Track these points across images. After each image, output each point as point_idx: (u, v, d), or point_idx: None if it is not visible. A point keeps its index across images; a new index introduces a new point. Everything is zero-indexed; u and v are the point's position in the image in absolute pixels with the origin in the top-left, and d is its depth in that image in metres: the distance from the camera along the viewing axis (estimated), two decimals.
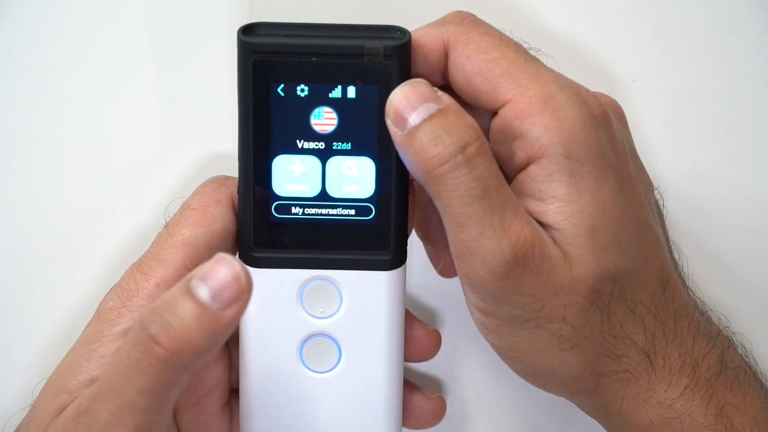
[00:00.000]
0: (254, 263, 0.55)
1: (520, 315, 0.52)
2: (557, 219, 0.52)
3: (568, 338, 0.52)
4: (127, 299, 0.54)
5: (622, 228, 0.52)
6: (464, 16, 0.54)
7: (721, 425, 0.54)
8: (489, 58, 0.52)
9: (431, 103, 0.51)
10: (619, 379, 0.54)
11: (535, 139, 0.51)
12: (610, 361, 0.53)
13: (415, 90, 0.51)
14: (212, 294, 0.47)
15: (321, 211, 0.55)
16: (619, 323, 0.53)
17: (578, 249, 0.51)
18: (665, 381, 0.54)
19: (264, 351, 0.56)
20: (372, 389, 0.57)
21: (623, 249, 0.52)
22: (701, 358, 0.54)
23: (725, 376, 0.55)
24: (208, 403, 0.57)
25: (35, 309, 0.66)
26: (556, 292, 0.51)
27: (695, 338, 0.54)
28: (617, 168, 0.53)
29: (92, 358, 0.53)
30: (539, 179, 0.52)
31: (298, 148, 0.54)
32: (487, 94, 0.52)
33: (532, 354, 0.53)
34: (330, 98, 0.53)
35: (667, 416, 0.54)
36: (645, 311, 0.53)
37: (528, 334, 0.52)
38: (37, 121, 0.65)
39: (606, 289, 0.52)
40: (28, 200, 0.65)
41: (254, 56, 0.52)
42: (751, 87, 0.65)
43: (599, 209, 0.52)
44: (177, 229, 0.55)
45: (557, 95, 0.52)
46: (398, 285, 0.56)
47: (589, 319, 0.52)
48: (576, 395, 0.55)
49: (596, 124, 0.52)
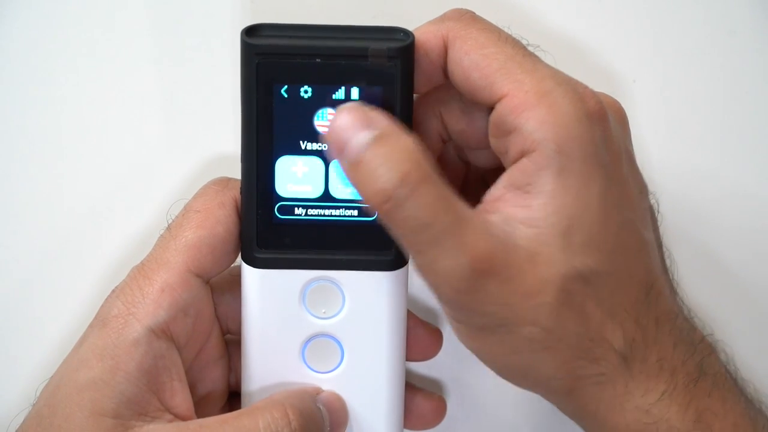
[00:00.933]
0: (257, 264, 0.55)
1: (488, 322, 0.52)
2: (538, 216, 0.51)
3: (539, 340, 0.52)
4: (133, 306, 0.54)
5: (603, 229, 0.52)
6: (463, 12, 0.54)
7: (700, 431, 0.53)
8: (486, 53, 0.52)
9: (365, 131, 0.50)
10: (596, 381, 0.53)
11: (529, 133, 0.51)
12: (586, 363, 0.53)
13: (350, 116, 0.51)
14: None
15: (324, 212, 0.55)
16: (596, 326, 0.52)
17: (550, 248, 0.51)
18: (642, 386, 0.53)
19: (266, 351, 0.56)
20: (374, 389, 0.57)
21: (600, 251, 0.52)
22: (680, 364, 0.54)
23: (704, 382, 0.54)
24: (207, 405, 0.58)
25: (37, 310, 0.66)
26: (524, 295, 0.51)
27: (675, 344, 0.54)
28: (609, 167, 0.52)
29: (117, 375, 0.53)
30: (529, 172, 0.51)
31: (301, 149, 0.54)
32: (484, 90, 0.52)
33: (506, 356, 0.53)
34: (334, 99, 0.53)
35: (645, 421, 0.53)
36: (625, 315, 0.53)
37: (499, 338, 0.52)
38: (39, 122, 0.65)
39: (577, 290, 0.52)
40: (29, 201, 0.65)
41: (257, 58, 0.52)
42: (751, 87, 0.65)
43: (580, 209, 0.51)
44: (180, 231, 0.55)
45: (554, 90, 0.51)
46: (401, 285, 0.56)
47: (561, 320, 0.52)
48: (552, 394, 0.55)
49: (591, 121, 0.52)
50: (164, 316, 0.54)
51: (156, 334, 0.54)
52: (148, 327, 0.53)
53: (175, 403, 0.54)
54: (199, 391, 0.57)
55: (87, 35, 0.64)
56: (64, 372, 0.54)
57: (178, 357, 0.55)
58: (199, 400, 0.57)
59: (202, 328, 0.56)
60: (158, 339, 0.54)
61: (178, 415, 0.54)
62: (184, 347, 0.55)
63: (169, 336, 0.54)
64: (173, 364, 0.54)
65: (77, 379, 0.53)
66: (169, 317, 0.54)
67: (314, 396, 0.56)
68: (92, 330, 0.54)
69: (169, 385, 0.54)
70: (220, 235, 0.55)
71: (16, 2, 0.64)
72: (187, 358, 0.56)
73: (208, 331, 0.57)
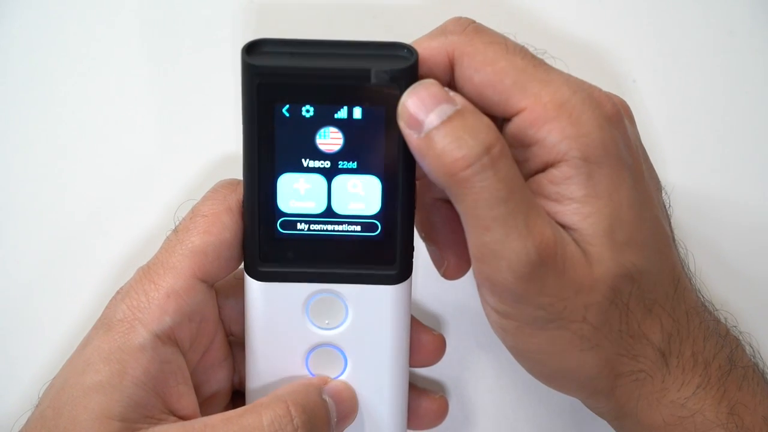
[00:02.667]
0: (260, 277, 0.55)
1: (542, 316, 0.52)
2: (575, 219, 0.52)
3: (588, 338, 0.52)
4: (138, 311, 0.54)
5: (639, 227, 0.52)
6: (465, 24, 0.53)
7: (733, 424, 0.54)
8: (497, 68, 0.52)
9: (446, 104, 0.50)
10: (635, 379, 0.54)
11: (553, 145, 0.51)
12: (627, 360, 0.53)
13: (428, 91, 0.51)
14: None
15: (327, 227, 0.54)
16: (637, 322, 0.53)
17: (597, 248, 0.51)
18: (678, 380, 0.54)
19: (270, 360, 0.56)
20: (377, 398, 0.57)
21: (640, 248, 0.52)
22: (712, 357, 0.54)
23: (735, 375, 0.55)
24: (211, 405, 0.58)
25: (39, 312, 0.66)
26: (577, 291, 0.51)
27: (706, 337, 0.55)
28: (632, 168, 0.53)
29: (124, 379, 0.53)
30: (557, 182, 0.52)
31: (303, 167, 0.53)
32: (499, 105, 0.52)
33: (552, 355, 0.53)
34: (336, 119, 0.52)
35: (680, 415, 0.54)
36: (661, 310, 0.53)
37: (549, 335, 0.52)
38: (43, 122, 0.65)
39: (625, 288, 0.52)
40: (32, 202, 0.65)
41: (259, 78, 0.51)
42: (751, 87, 0.65)
43: (616, 210, 0.52)
44: (186, 236, 0.55)
45: (571, 99, 0.51)
46: (404, 298, 0.55)
47: (608, 318, 0.52)
48: (592, 396, 0.55)
49: (611, 125, 0.52)
50: (169, 322, 0.54)
51: (161, 339, 0.53)
52: (153, 333, 0.53)
53: (180, 405, 0.54)
54: (203, 393, 0.57)
55: (91, 36, 0.64)
56: (69, 374, 0.54)
57: (183, 361, 0.55)
58: (204, 401, 0.57)
59: (206, 332, 0.56)
60: (164, 345, 0.54)
61: (184, 417, 0.54)
62: (188, 351, 0.55)
63: (174, 341, 0.54)
64: (178, 368, 0.54)
65: (83, 382, 0.53)
66: (175, 323, 0.54)
67: (320, 388, 0.56)
68: (96, 333, 0.54)
69: (175, 389, 0.54)
70: (227, 241, 0.55)
71: (17, 2, 0.64)
72: (192, 361, 0.56)
73: (212, 335, 0.57)
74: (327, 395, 0.56)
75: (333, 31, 0.64)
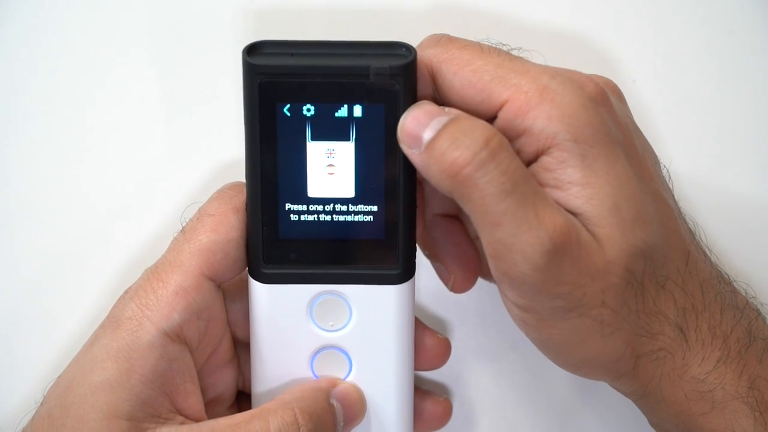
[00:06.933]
0: (263, 279, 0.55)
1: (561, 306, 0.52)
2: (578, 203, 0.52)
3: (609, 323, 0.52)
4: (146, 308, 0.54)
5: (641, 202, 0.52)
6: (438, 37, 0.54)
7: (752, 398, 0.54)
8: (475, 68, 0.53)
9: (441, 116, 0.51)
10: (656, 358, 0.54)
11: (540, 131, 0.51)
12: (647, 340, 0.53)
13: (423, 109, 0.52)
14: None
15: (329, 227, 0.54)
16: (652, 300, 0.53)
17: (606, 229, 0.51)
18: (699, 355, 0.54)
19: (275, 362, 0.56)
20: (382, 400, 0.57)
21: (647, 223, 0.52)
22: (730, 330, 0.54)
23: (755, 348, 0.55)
24: (216, 406, 0.58)
25: (44, 311, 0.65)
26: (593, 276, 0.51)
27: (723, 310, 0.55)
28: (624, 144, 0.53)
29: (132, 378, 0.53)
30: (552, 168, 0.52)
31: (305, 167, 0.54)
32: (483, 103, 0.52)
33: (576, 344, 0.53)
34: (336, 117, 0.53)
35: (701, 390, 0.54)
36: (673, 285, 0.53)
37: (570, 324, 0.52)
38: (50, 123, 0.65)
39: (638, 267, 0.52)
40: (39, 203, 0.65)
41: (260, 77, 0.52)
42: (751, 87, 0.65)
43: (617, 187, 0.52)
44: (194, 235, 0.55)
45: (551, 84, 0.52)
46: (408, 298, 0.56)
47: (625, 300, 0.52)
48: (617, 379, 0.55)
49: (595, 104, 0.52)
50: (178, 319, 0.54)
51: (170, 337, 0.53)
52: (162, 330, 0.53)
53: (187, 405, 0.54)
54: (209, 393, 0.57)
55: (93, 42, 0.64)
56: (76, 372, 0.54)
57: (191, 360, 0.55)
58: (208, 402, 0.57)
59: (214, 332, 0.56)
60: (172, 342, 0.54)
61: (190, 416, 0.54)
62: (196, 350, 0.55)
63: (183, 339, 0.54)
64: (186, 366, 0.54)
65: (91, 381, 0.53)
66: (183, 320, 0.54)
67: (327, 392, 0.56)
68: (104, 331, 0.54)
69: (182, 387, 0.54)
70: (234, 240, 0.55)
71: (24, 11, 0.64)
72: (199, 361, 0.56)
73: (220, 335, 0.57)
74: (335, 399, 0.56)
75: (332, 34, 0.64)
